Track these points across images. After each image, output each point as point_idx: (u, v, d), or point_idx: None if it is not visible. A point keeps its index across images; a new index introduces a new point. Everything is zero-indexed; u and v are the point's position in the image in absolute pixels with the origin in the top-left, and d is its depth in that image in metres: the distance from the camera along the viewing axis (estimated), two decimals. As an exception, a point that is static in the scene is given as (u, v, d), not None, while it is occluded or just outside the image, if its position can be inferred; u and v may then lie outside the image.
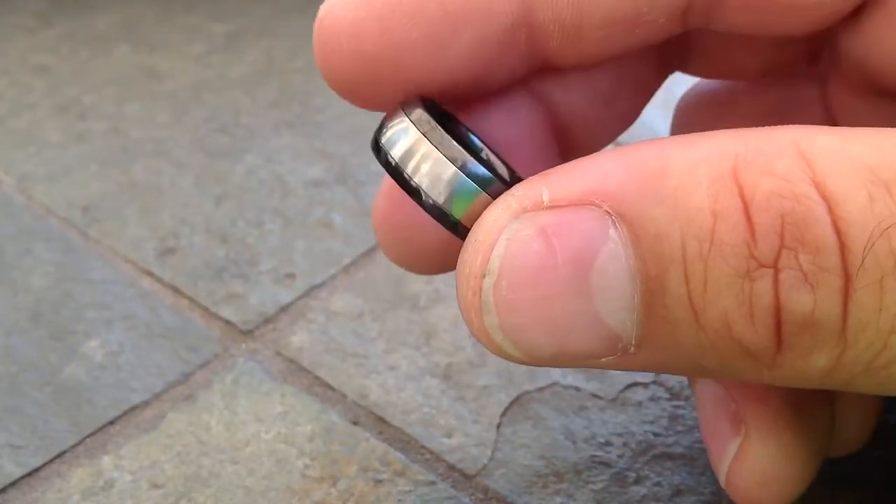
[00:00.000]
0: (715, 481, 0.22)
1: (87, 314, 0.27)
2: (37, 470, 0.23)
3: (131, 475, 0.23)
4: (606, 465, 0.23)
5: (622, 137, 0.22)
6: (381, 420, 0.24)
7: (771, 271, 0.14)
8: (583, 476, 0.22)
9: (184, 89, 0.37)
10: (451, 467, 0.23)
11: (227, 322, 0.27)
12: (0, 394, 0.25)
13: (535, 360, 0.16)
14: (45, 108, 0.36)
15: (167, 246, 0.30)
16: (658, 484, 0.22)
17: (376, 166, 0.19)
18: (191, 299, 0.28)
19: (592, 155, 0.15)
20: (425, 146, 0.16)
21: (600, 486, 0.22)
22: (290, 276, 0.28)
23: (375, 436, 0.23)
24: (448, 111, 0.18)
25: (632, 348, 0.15)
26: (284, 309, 0.27)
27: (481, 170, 0.16)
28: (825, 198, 0.14)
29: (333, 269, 0.29)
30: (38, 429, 0.24)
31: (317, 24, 0.17)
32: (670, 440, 0.23)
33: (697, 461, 0.23)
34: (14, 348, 0.26)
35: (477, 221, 0.15)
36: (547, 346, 0.15)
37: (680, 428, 0.23)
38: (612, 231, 0.14)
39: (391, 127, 0.17)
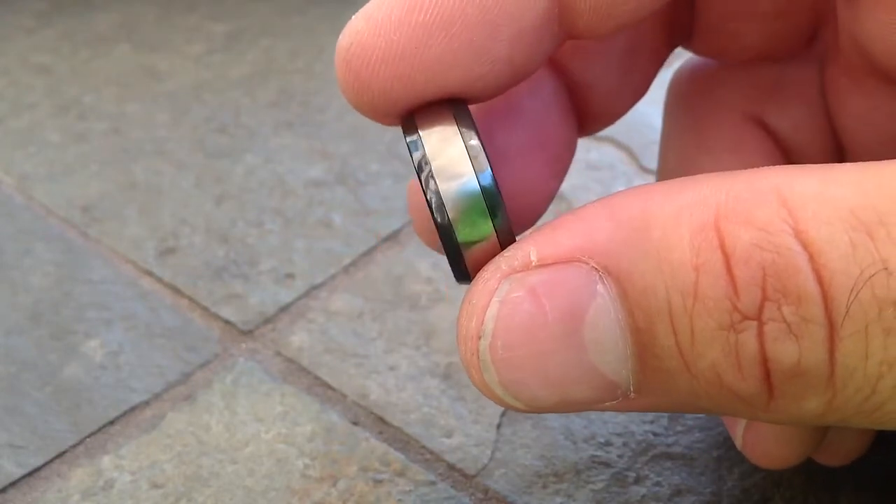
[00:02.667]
0: (715, 481, 0.22)
1: (87, 314, 0.27)
2: (37, 470, 0.23)
3: (131, 475, 0.23)
4: (606, 465, 0.23)
5: (624, 139, 0.22)
6: (381, 420, 0.24)
7: (755, 323, 0.14)
8: (583, 476, 0.22)
9: (184, 89, 0.37)
10: (451, 467, 0.23)
11: (227, 322, 0.27)
12: (0, 394, 0.25)
13: (539, 410, 0.16)
14: (45, 108, 0.36)
15: (167, 246, 0.30)
16: (658, 484, 0.22)
17: (376, 166, 0.19)
18: (191, 299, 0.28)
19: (579, 209, 0.16)
20: (429, 168, 0.16)
21: (600, 486, 0.22)
22: (290, 276, 0.28)
23: (375, 436, 0.23)
24: (464, 109, 0.18)
25: (631, 394, 0.15)
26: (284, 309, 0.27)
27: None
28: (806, 247, 0.14)
29: (333, 269, 0.29)
30: (38, 429, 0.24)
31: (342, 52, 0.17)
32: (670, 440, 0.23)
33: (697, 461, 0.23)
34: (14, 348, 0.26)
35: (471, 284, 0.16)
36: (548, 397, 0.16)
37: (680, 428, 0.23)
38: (599, 287, 0.15)
39: (414, 132, 0.17)
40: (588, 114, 0.21)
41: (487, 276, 0.16)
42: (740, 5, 0.20)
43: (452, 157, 0.16)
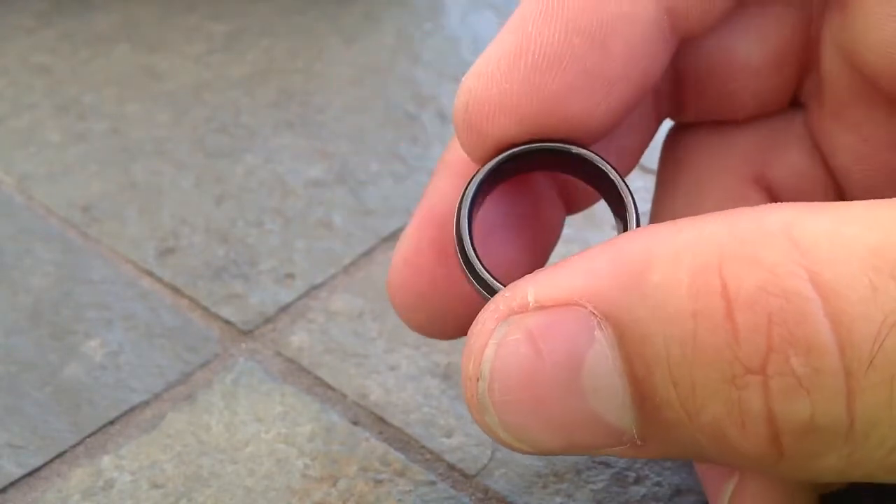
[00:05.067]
0: (715, 481, 0.22)
1: (87, 314, 0.27)
2: (37, 470, 0.23)
3: (131, 475, 0.23)
4: (606, 465, 0.23)
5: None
6: (381, 420, 0.24)
7: (759, 378, 0.13)
8: (583, 476, 0.22)
9: (184, 89, 0.37)
10: (451, 467, 0.23)
11: (227, 322, 0.27)
12: (0, 394, 0.25)
13: (546, 453, 0.16)
14: (45, 108, 0.36)
15: (167, 246, 0.30)
16: (658, 484, 0.22)
17: (376, 166, 0.19)
18: (191, 299, 0.28)
19: (582, 252, 0.15)
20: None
21: (600, 486, 0.22)
22: (290, 276, 0.28)
23: (375, 436, 0.23)
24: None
25: (638, 441, 0.15)
26: (284, 309, 0.27)
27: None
28: (820, 290, 0.13)
29: (333, 269, 0.29)
30: (38, 429, 0.24)
31: (460, 113, 0.17)
32: (670, 440, 0.23)
33: (697, 461, 0.23)
34: (14, 348, 0.26)
35: (471, 326, 0.16)
36: (552, 441, 0.15)
37: (680, 428, 0.23)
38: (597, 332, 0.14)
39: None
40: (576, 194, 0.20)
41: (486, 317, 0.15)
42: (730, 62, 0.19)
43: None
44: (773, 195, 0.21)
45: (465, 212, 0.17)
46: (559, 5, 0.17)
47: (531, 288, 0.15)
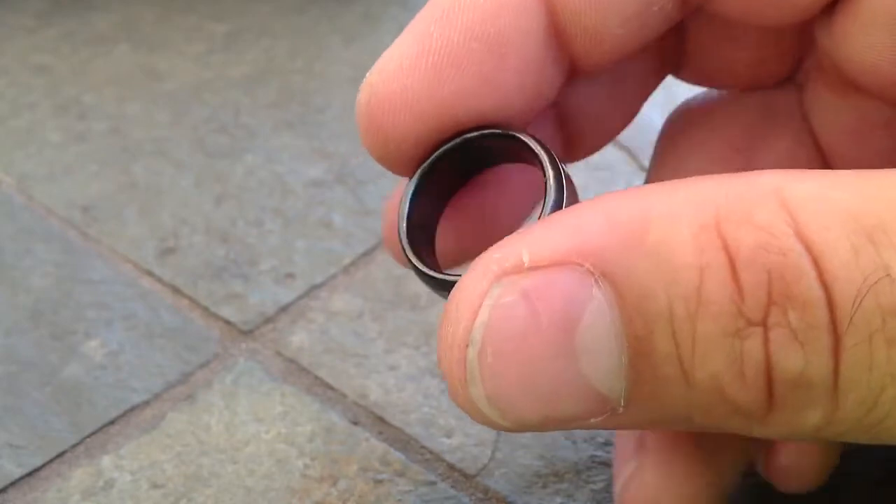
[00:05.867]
0: (715, 481, 0.22)
1: (87, 314, 0.27)
2: (37, 470, 0.23)
3: (131, 475, 0.23)
4: (606, 465, 0.23)
5: (624, 139, 0.22)
6: (381, 420, 0.24)
7: (760, 329, 0.14)
8: (583, 476, 0.22)
9: (184, 89, 0.37)
10: (451, 467, 0.23)
11: (227, 322, 0.27)
12: (0, 394, 0.25)
13: (521, 427, 0.15)
14: (45, 108, 0.36)
15: (167, 246, 0.30)
16: (658, 484, 0.22)
17: (376, 166, 0.19)
18: (191, 299, 0.28)
19: (572, 207, 0.15)
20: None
21: (600, 486, 0.22)
22: (290, 276, 0.28)
23: (375, 436, 0.23)
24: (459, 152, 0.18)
25: (620, 408, 0.15)
26: (284, 309, 0.27)
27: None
28: (809, 250, 0.13)
29: (333, 269, 0.29)
30: (38, 429, 0.24)
31: (362, 107, 0.18)
32: (670, 440, 0.23)
33: (697, 461, 0.23)
34: (14, 348, 0.26)
35: (455, 288, 0.15)
36: (534, 412, 0.15)
37: (680, 428, 0.23)
38: (595, 290, 0.14)
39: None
40: (575, 140, 0.21)
41: (475, 278, 0.15)
42: (730, 33, 0.20)
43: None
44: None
45: (403, 213, 0.18)
46: (460, 11, 0.17)
47: (525, 248, 0.15)
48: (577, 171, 0.32)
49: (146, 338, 0.26)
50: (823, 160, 0.20)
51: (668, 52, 0.20)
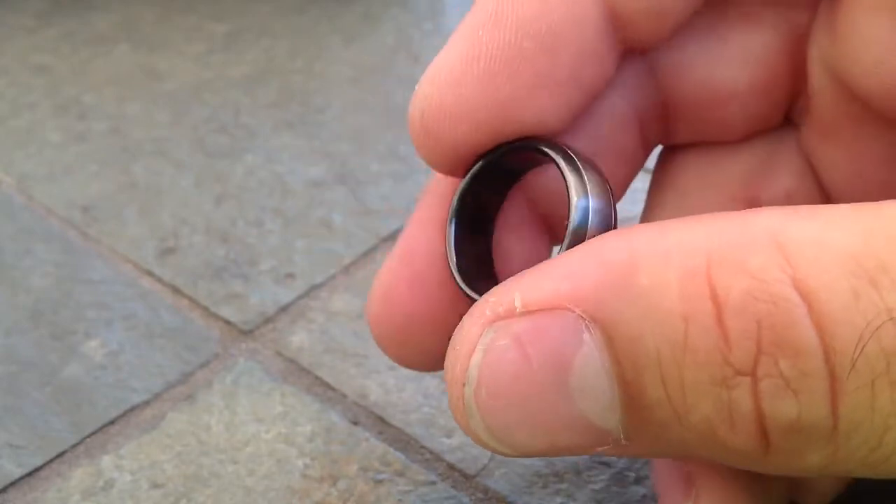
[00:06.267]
0: (715, 481, 0.22)
1: (87, 314, 0.27)
2: (37, 470, 0.23)
3: (131, 475, 0.23)
4: (606, 464, 0.23)
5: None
6: (381, 420, 0.24)
7: (749, 380, 0.13)
8: (583, 476, 0.22)
9: (184, 89, 0.37)
10: (451, 467, 0.23)
11: (227, 322, 0.27)
12: (0, 394, 0.25)
13: (527, 455, 0.16)
14: (45, 108, 0.36)
15: (167, 246, 0.30)
16: (658, 484, 0.22)
17: (376, 166, 0.19)
18: (191, 299, 0.28)
19: (566, 253, 0.15)
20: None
21: (600, 486, 0.22)
22: (290, 276, 0.28)
23: (375, 436, 0.23)
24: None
25: (622, 441, 0.15)
26: (284, 309, 0.27)
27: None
28: (805, 296, 0.13)
29: (333, 269, 0.29)
30: (38, 429, 0.24)
31: (416, 121, 0.17)
32: (670, 440, 0.23)
33: (697, 461, 0.23)
34: (14, 348, 0.26)
35: (457, 328, 0.16)
36: (536, 443, 0.15)
37: (680, 428, 0.23)
38: (586, 335, 0.14)
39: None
40: (561, 226, 0.20)
41: (471, 322, 0.15)
42: (717, 88, 0.19)
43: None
44: None
45: (450, 224, 0.18)
46: (508, 11, 0.17)
47: (517, 293, 0.15)
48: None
49: (146, 338, 0.26)
50: (827, 196, 0.20)
51: (653, 123, 0.20)
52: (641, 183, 0.23)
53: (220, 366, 0.26)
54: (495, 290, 0.16)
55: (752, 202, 0.20)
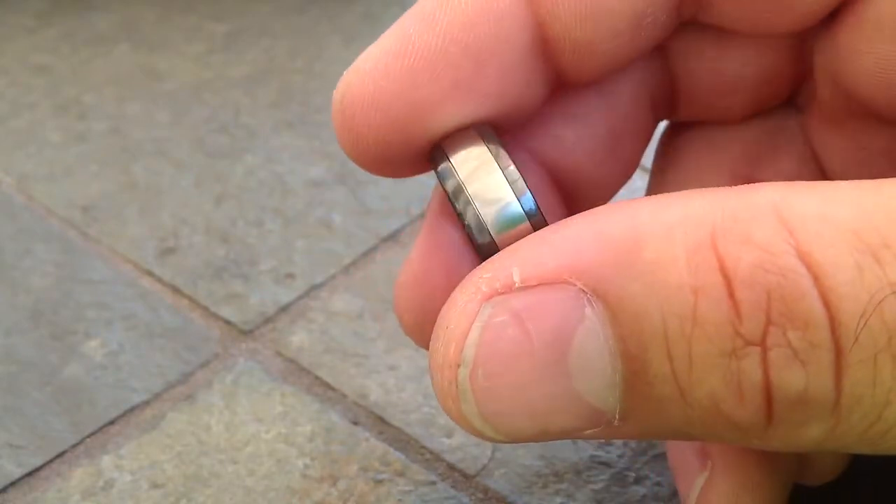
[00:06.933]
0: (715, 481, 0.22)
1: (87, 314, 0.27)
2: (37, 470, 0.23)
3: (131, 475, 0.23)
4: (606, 465, 0.23)
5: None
6: (381, 420, 0.24)
7: (758, 349, 0.13)
8: (583, 476, 0.22)
9: (184, 89, 0.37)
10: (451, 467, 0.23)
11: (227, 322, 0.27)
12: (0, 394, 0.25)
13: (516, 441, 0.15)
14: (45, 108, 0.36)
15: (167, 246, 0.30)
16: (658, 484, 0.22)
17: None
18: (191, 299, 0.28)
19: (563, 222, 0.15)
20: (468, 189, 0.16)
21: (600, 486, 0.22)
22: (290, 276, 0.28)
23: (375, 436, 0.23)
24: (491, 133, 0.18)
25: (616, 422, 0.15)
26: (284, 309, 0.27)
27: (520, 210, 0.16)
28: (811, 269, 0.13)
29: (333, 269, 0.29)
30: (38, 429, 0.24)
31: (336, 105, 0.17)
32: (670, 440, 0.23)
33: (697, 461, 0.23)
34: (14, 348, 0.26)
35: (445, 307, 0.15)
36: (527, 427, 0.15)
37: (680, 428, 0.23)
38: (587, 310, 0.14)
39: (445, 160, 0.17)
40: (575, 201, 0.20)
41: (466, 299, 0.15)
42: (724, 75, 0.19)
43: (489, 183, 0.16)
44: None
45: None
46: (441, 14, 0.17)
47: (515, 266, 0.15)
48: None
49: (146, 338, 0.26)
50: (826, 179, 0.20)
51: (660, 98, 0.20)
52: (641, 182, 0.23)
53: (220, 366, 0.26)
54: (488, 264, 0.15)
55: (753, 181, 0.20)
